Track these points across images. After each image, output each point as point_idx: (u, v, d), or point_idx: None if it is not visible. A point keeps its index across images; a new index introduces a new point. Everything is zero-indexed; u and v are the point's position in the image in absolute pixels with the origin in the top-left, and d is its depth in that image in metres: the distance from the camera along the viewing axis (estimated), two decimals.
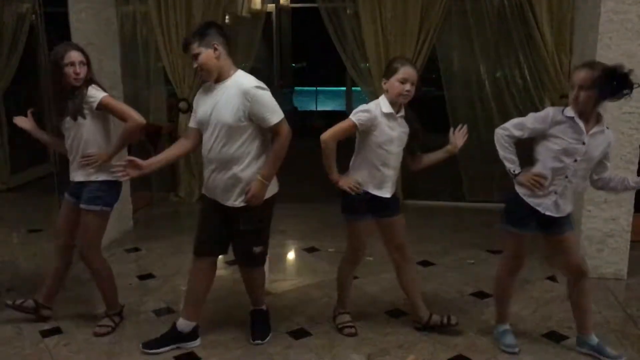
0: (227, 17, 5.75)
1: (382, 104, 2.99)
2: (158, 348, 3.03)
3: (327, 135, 2.98)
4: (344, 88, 9.64)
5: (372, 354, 3.04)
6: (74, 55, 3.02)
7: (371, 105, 3.00)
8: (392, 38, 5.21)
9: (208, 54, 2.82)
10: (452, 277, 4.04)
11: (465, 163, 5.74)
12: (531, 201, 2.83)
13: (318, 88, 13.20)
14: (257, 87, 2.80)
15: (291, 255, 4.70)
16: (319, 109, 12.82)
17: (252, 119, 2.81)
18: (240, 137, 2.84)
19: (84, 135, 3.09)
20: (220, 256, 3.21)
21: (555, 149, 2.74)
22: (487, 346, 3.12)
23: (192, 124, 3.04)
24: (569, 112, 2.70)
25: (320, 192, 5.98)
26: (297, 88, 11.82)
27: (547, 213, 2.82)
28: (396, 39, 5.21)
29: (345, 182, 3.01)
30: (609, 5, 3.63)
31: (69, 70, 2.99)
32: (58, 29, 4.37)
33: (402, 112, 3.04)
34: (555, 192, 2.80)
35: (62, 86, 3.03)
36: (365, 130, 2.98)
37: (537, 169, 2.81)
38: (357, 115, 2.96)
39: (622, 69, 2.57)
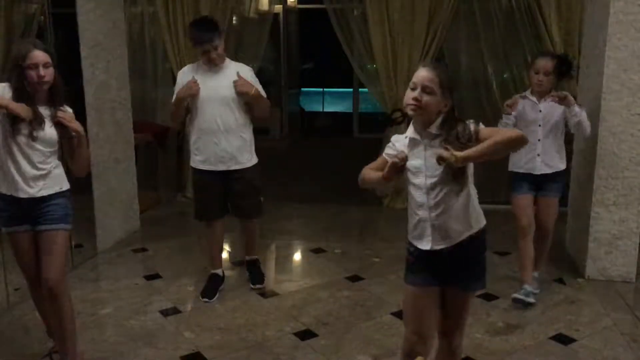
0: (234, 17, 5.76)
1: (408, 131, 2.31)
2: (214, 295, 3.69)
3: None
4: (351, 89, 9.63)
5: (378, 355, 3.03)
6: (38, 56, 2.59)
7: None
8: (400, 39, 5.21)
9: (222, 45, 3.52)
10: None
11: None
12: (525, 168, 3.52)
13: (325, 89, 13.20)
14: (250, 69, 3.70)
15: (298, 256, 4.69)
16: (325, 110, 12.81)
17: None
18: (242, 106, 3.57)
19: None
20: (226, 257, 3.23)
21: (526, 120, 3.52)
22: (494, 348, 3.10)
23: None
24: (528, 93, 3.56)
25: (327, 192, 6.01)
26: (303, 89, 11.80)
27: (542, 172, 3.51)
28: (404, 40, 5.20)
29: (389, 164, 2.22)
30: (618, 6, 3.61)
31: (32, 73, 2.57)
32: (66, 30, 4.38)
33: (436, 129, 2.22)
34: (538, 155, 3.50)
35: (24, 90, 2.60)
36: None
37: None
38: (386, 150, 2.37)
39: (568, 55, 3.77)
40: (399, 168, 2.19)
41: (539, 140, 3.48)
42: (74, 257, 4.20)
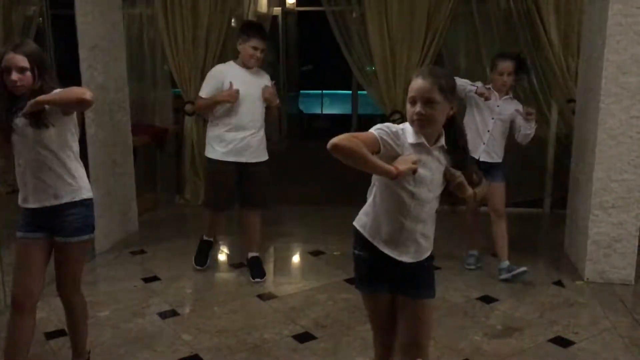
0: (233, 20, 5.75)
1: (407, 132, 2.10)
2: (206, 262, 4.16)
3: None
4: (350, 92, 9.63)
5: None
6: (14, 60, 2.44)
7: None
8: (399, 41, 5.20)
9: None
10: (458, 281, 4.02)
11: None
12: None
13: (324, 91, 13.19)
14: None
15: (296, 258, 4.69)
16: (324, 112, 12.80)
17: None
18: (263, 107, 3.93)
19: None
20: (224, 260, 3.23)
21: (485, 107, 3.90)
22: (493, 350, 3.10)
23: (209, 94, 3.88)
24: (491, 86, 3.92)
25: (326, 194, 6.00)
26: (302, 91, 11.79)
27: (484, 160, 3.84)
28: (403, 42, 5.20)
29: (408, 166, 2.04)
30: (617, 9, 3.61)
31: (5, 76, 2.45)
32: (65, 31, 4.37)
33: (444, 142, 2.13)
34: (484, 143, 3.87)
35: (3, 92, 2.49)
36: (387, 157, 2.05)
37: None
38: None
39: (521, 54, 4.12)
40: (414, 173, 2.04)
41: (488, 131, 3.89)
42: None
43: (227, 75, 3.85)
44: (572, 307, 3.62)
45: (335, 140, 1.92)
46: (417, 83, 2.05)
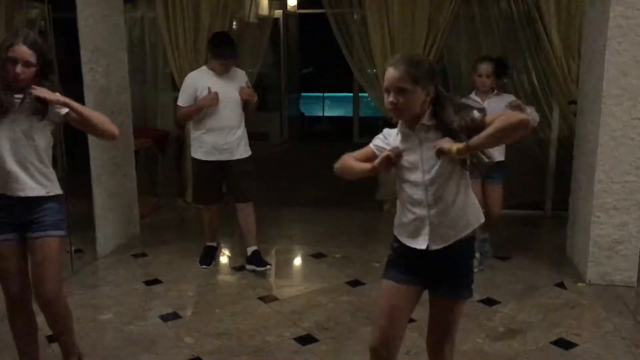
0: (234, 22, 5.76)
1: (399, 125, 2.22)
2: (212, 262, 4.30)
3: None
4: (351, 94, 9.63)
5: None
6: (24, 53, 2.41)
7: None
8: (400, 43, 5.20)
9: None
10: None
11: None
12: None
13: (325, 94, 13.19)
14: (245, 74, 4.32)
15: (298, 261, 4.68)
16: (325, 114, 12.81)
17: None
18: (241, 106, 4.14)
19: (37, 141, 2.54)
20: (226, 262, 3.23)
21: None
22: (496, 353, 3.09)
23: (187, 102, 4.09)
24: (473, 95, 4.04)
25: (327, 197, 6.00)
26: (303, 94, 11.80)
27: None
28: (404, 44, 5.19)
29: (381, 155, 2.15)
30: (618, 10, 3.61)
31: (9, 66, 2.41)
32: (67, 34, 4.39)
33: (428, 120, 2.10)
34: None
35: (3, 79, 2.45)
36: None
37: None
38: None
39: (503, 57, 4.37)
40: (393, 162, 2.11)
41: None
42: (73, 262, 4.20)
43: (199, 81, 4.06)
44: (575, 309, 3.62)
45: (339, 165, 2.25)
46: (389, 72, 2.07)
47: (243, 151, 4.18)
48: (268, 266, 4.16)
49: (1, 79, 2.44)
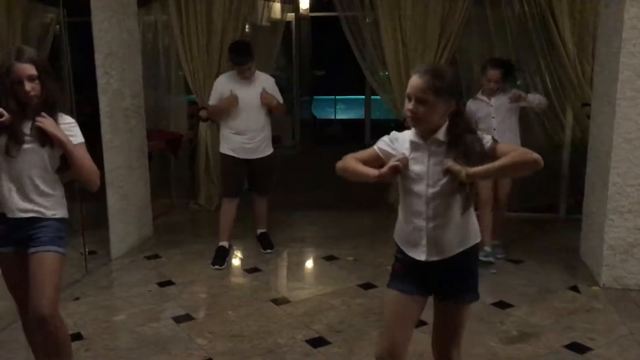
0: (247, 26, 5.79)
1: (412, 131, 2.18)
2: (224, 263, 4.35)
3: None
4: (363, 97, 9.62)
5: None
6: (24, 70, 2.35)
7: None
8: (412, 46, 5.20)
9: (254, 65, 4.37)
10: None
11: None
12: None
13: (337, 97, 13.19)
14: (272, 79, 4.59)
15: (310, 264, 4.69)
16: (338, 117, 12.81)
17: None
18: (265, 110, 4.41)
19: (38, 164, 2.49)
20: (238, 265, 3.23)
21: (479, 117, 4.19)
22: (509, 356, 3.07)
23: (214, 103, 4.43)
24: (480, 95, 4.29)
25: (339, 199, 5.99)
26: (315, 96, 11.81)
27: None
28: (416, 46, 5.19)
29: (389, 164, 2.10)
30: (633, 12, 3.58)
31: (17, 88, 2.36)
32: (81, 38, 4.44)
33: (443, 136, 2.08)
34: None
35: (9, 101, 2.38)
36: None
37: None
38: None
39: (510, 61, 4.46)
40: (400, 172, 2.08)
41: (494, 129, 4.14)
42: (87, 264, 4.23)
43: (226, 85, 4.35)
44: (588, 313, 3.59)
45: (341, 165, 2.22)
46: (413, 80, 2.06)
47: (265, 150, 4.47)
48: (268, 250, 4.60)
49: (14, 105, 2.38)
